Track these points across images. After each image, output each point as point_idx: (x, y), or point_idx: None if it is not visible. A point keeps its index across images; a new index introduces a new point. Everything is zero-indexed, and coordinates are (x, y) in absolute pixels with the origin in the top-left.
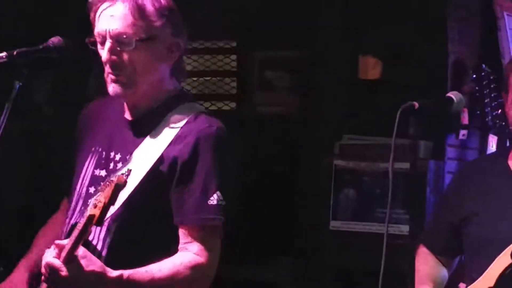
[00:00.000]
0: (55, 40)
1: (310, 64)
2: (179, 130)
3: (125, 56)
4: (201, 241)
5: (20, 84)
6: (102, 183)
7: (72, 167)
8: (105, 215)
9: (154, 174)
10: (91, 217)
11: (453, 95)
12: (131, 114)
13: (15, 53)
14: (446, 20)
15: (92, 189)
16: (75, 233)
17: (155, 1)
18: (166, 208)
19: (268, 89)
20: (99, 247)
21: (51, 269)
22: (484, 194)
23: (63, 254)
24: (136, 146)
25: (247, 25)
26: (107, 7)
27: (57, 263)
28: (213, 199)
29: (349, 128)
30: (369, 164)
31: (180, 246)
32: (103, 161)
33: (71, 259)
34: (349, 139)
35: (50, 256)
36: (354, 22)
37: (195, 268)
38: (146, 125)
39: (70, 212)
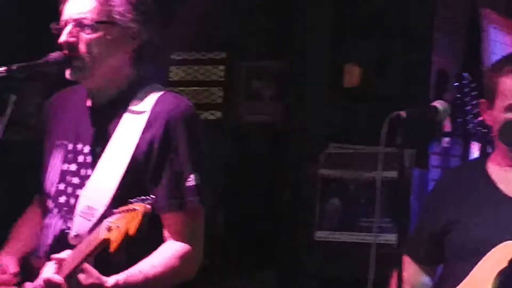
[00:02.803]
0: (55, 54)
1: (296, 74)
2: (148, 115)
3: (83, 39)
4: (185, 226)
5: (16, 98)
6: (121, 207)
7: (41, 163)
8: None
9: (133, 165)
10: (106, 241)
11: (438, 104)
12: (93, 102)
13: (14, 67)
14: (433, 32)
15: (62, 186)
16: (81, 252)
17: None
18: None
19: (254, 98)
20: None
21: (51, 285)
22: (464, 201)
23: (66, 271)
24: (104, 137)
25: (236, 36)
26: None
27: (58, 279)
28: (191, 180)
29: (335, 137)
30: (355, 172)
31: (165, 234)
32: (70, 155)
33: (71, 275)
34: (334, 148)
35: (50, 272)
36: (339, 32)
37: (184, 257)
38: (110, 114)
39: (46, 213)
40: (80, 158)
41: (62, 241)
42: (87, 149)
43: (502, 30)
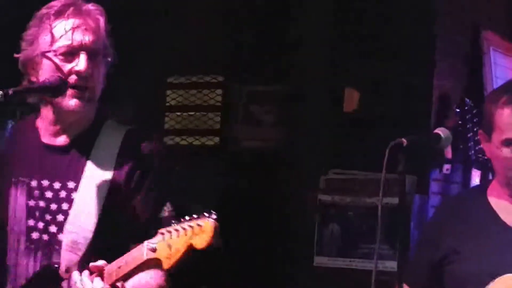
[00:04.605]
0: (51, 78)
1: (295, 99)
2: (119, 150)
3: (93, 69)
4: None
5: (13, 123)
6: (166, 227)
7: None
8: None
9: (111, 199)
10: (151, 261)
11: (441, 131)
12: (67, 136)
13: (10, 92)
14: (435, 54)
15: (31, 222)
16: (122, 269)
17: (104, 18)
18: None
19: (252, 123)
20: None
21: None
22: (465, 231)
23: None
24: (75, 172)
25: (234, 60)
26: (77, 21)
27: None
28: (167, 210)
29: (334, 163)
30: (354, 198)
31: None
32: (36, 191)
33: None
34: (334, 174)
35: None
36: (339, 57)
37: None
38: (76, 150)
39: (13, 251)
40: (48, 194)
41: (48, 276)
42: (57, 184)
43: (504, 52)
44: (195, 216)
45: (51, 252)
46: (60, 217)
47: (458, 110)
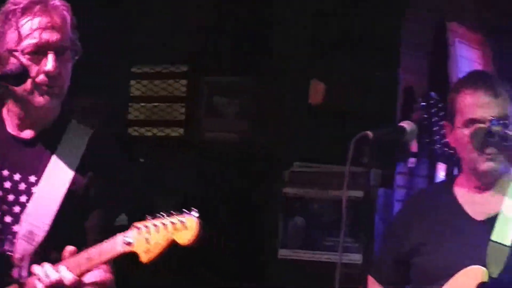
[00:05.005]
0: (12, 66)
1: (260, 90)
2: (84, 152)
3: (62, 67)
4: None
5: None
6: (142, 222)
7: None
8: None
9: (69, 198)
10: (125, 254)
11: (406, 124)
12: (32, 130)
13: None
14: (399, 47)
15: None
16: (92, 259)
17: (70, 13)
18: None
19: (218, 115)
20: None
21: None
22: (431, 225)
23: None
24: (38, 166)
25: (198, 50)
26: (44, 19)
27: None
28: (121, 219)
29: (299, 155)
30: (319, 191)
31: None
32: None
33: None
34: (298, 167)
35: (68, 273)
36: (305, 49)
37: None
38: (44, 144)
39: None
40: (7, 185)
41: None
42: (17, 176)
43: (469, 44)
44: (173, 212)
45: (3, 241)
46: (16, 209)
47: (423, 104)
